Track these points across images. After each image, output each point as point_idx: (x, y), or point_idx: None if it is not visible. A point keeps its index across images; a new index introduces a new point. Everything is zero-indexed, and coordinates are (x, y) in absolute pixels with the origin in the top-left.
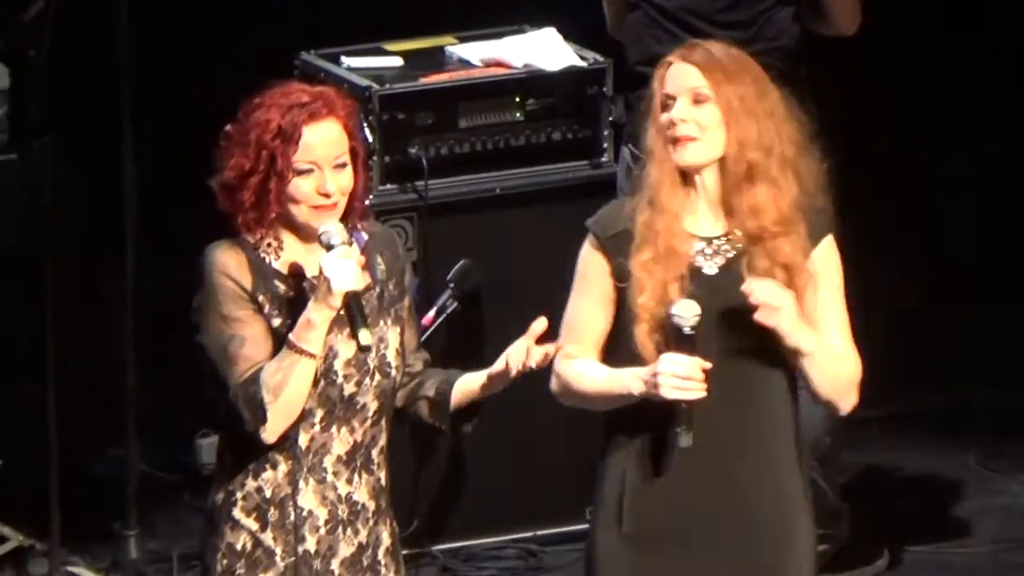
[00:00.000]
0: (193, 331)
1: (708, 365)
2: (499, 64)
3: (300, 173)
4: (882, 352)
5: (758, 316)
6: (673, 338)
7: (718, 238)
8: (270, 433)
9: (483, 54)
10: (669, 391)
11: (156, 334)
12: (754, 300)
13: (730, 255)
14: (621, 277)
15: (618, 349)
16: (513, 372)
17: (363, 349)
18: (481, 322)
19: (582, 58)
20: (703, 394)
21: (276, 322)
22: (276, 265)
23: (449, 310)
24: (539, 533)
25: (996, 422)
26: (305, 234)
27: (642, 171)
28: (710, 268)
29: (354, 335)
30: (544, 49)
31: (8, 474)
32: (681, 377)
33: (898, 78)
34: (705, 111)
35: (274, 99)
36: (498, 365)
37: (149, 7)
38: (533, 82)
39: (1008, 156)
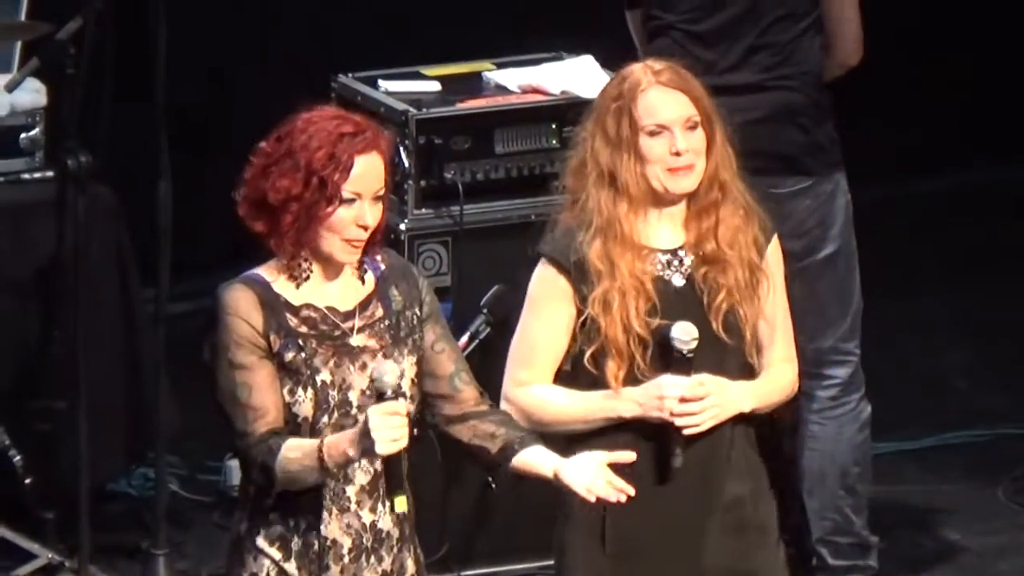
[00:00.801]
0: (206, 369)
1: (707, 387)
2: (536, 90)
3: (343, 202)
4: (914, 385)
5: (709, 425)
6: (672, 360)
7: (680, 248)
8: (274, 493)
9: (520, 80)
10: (677, 418)
11: (187, 353)
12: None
13: (693, 264)
14: (584, 305)
15: (576, 374)
16: (578, 493)
17: (395, 513)
18: None
19: None
20: (707, 423)
21: (289, 356)
22: (290, 296)
23: (482, 335)
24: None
25: None
26: (326, 264)
27: (586, 195)
28: (678, 280)
29: (389, 498)
30: (581, 76)
31: (39, 491)
32: (690, 403)
33: None
34: (696, 137)
35: (321, 124)
36: (568, 476)
37: (188, 29)
38: (570, 109)
39: None
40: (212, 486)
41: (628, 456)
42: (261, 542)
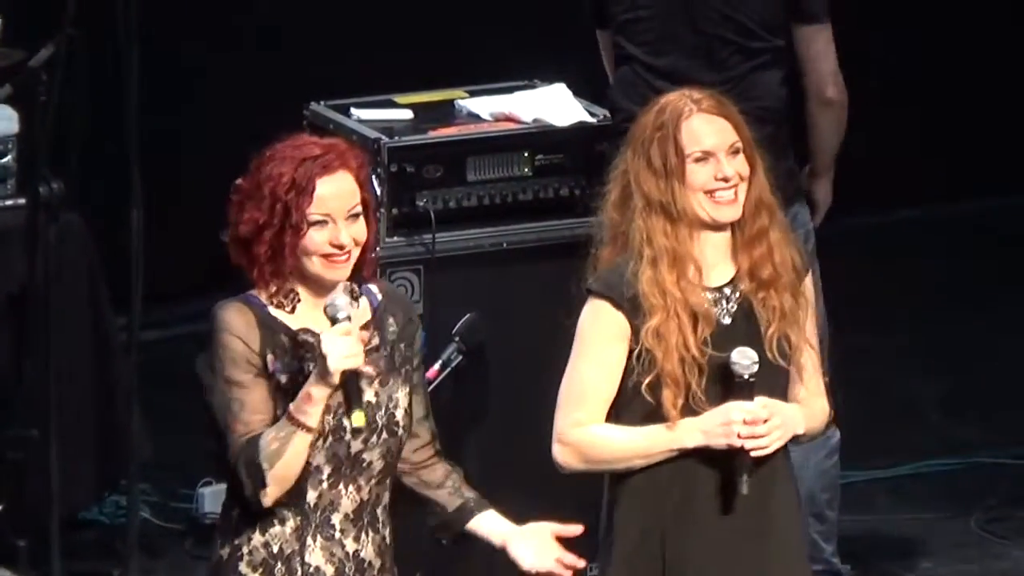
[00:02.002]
0: (200, 389)
1: (770, 408)
2: (509, 119)
3: (313, 225)
4: (887, 414)
5: (775, 447)
6: (734, 386)
7: (727, 285)
8: (268, 498)
9: (493, 108)
10: (746, 442)
11: (159, 381)
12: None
13: (739, 301)
14: (637, 338)
15: (628, 405)
16: (524, 567)
17: (355, 431)
18: (486, 376)
19: (591, 114)
20: (774, 445)
21: (284, 378)
22: (286, 320)
23: (454, 363)
24: None
25: (998, 486)
26: (318, 287)
27: (632, 227)
28: (725, 318)
29: (347, 414)
30: (554, 104)
31: (10, 519)
32: (757, 426)
33: None
34: (739, 162)
35: (285, 152)
36: (516, 552)
37: (159, 57)
38: (542, 137)
39: None
40: (184, 514)
41: (575, 530)
42: (243, 568)
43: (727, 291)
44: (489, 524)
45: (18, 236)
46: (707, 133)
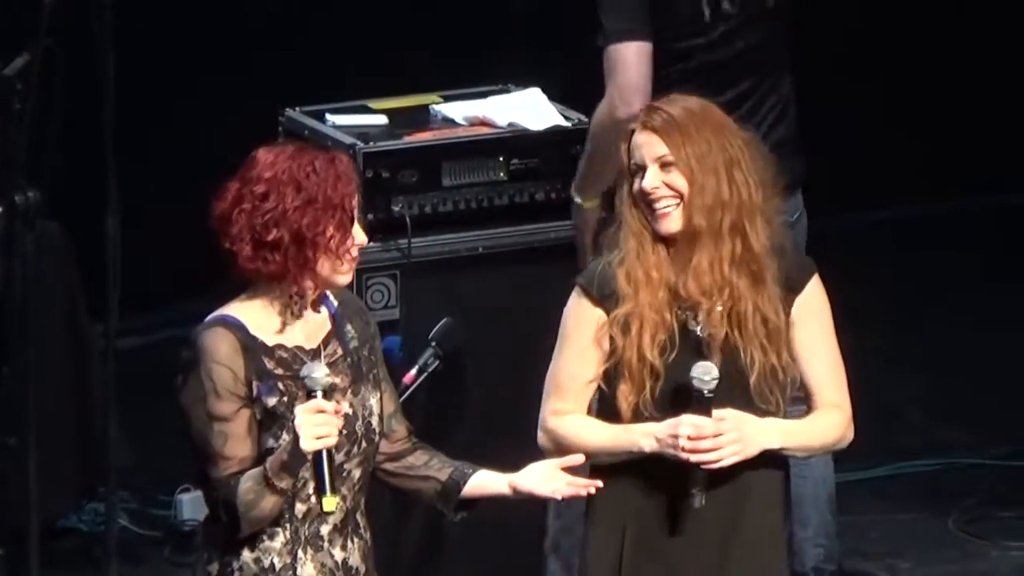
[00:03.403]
0: (179, 410)
1: (727, 422)
2: (483, 123)
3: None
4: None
5: (729, 462)
6: (692, 400)
7: (701, 296)
8: (244, 533)
9: (467, 113)
10: (691, 456)
11: (137, 388)
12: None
13: (702, 312)
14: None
15: (605, 404)
16: (542, 495)
17: (323, 513)
18: (463, 381)
19: (566, 118)
20: (726, 460)
21: (272, 402)
22: (266, 339)
23: (431, 368)
24: None
25: (978, 487)
26: (320, 290)
27: (617, 231)
28: (696, 327)
29: (318, 496)
30: (529, 109)
31: None
32: (702, 440)
33: None
34: (674, 176)
35: (306, 156)
36: (524, 483)
37: (135, 63)
38: (517, 142)
39: None
40: (163, 521)
41: (577, 459)
42: None
43: (690, 301)
44: (487, 478)
45: None
46: (639, 145)
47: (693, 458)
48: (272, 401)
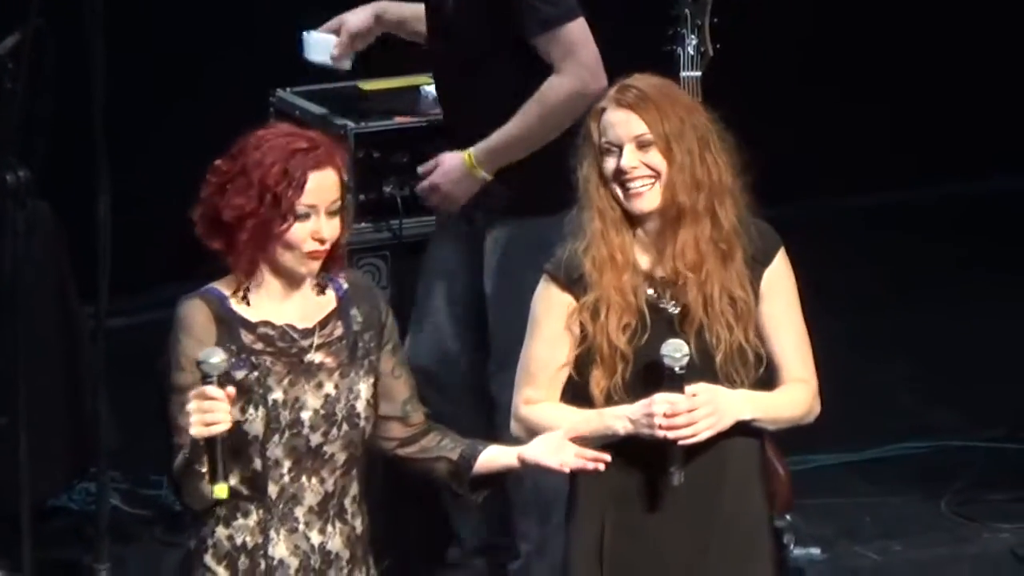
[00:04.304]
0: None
1: (700, 397)
2: None
3: (298, 217)
4: (856, 398)
5: (705, 435)
6: (664, 378)
7: (665, 275)
8: (189, 508)
9: None
10: (668, 433)
11: (127, 368)
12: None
13: (674, 292)
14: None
15: (576, 390)
16: (550, 467)
17: (217, 503)
18: None
19: None
20: (703, 434)
21: (240, 375)
22: (245, 314)
23: None
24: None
25: (969, 469)
26: (286, 279)
27: (581, 214)
28: (667, 305)
29: (211, 486)
30: None
31: None
32: (677, 416)
33: None
34: (652, 155)
35: (274, 141)
36: (533, 454)
37: (124, 42)
38: None
39: None
40: (154, 501)
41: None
42: (209, 560)
43: (663, 281)
44: (496, 452)
45: None
46: (612, 124)
47: (670, 435)
48: (240, 375)
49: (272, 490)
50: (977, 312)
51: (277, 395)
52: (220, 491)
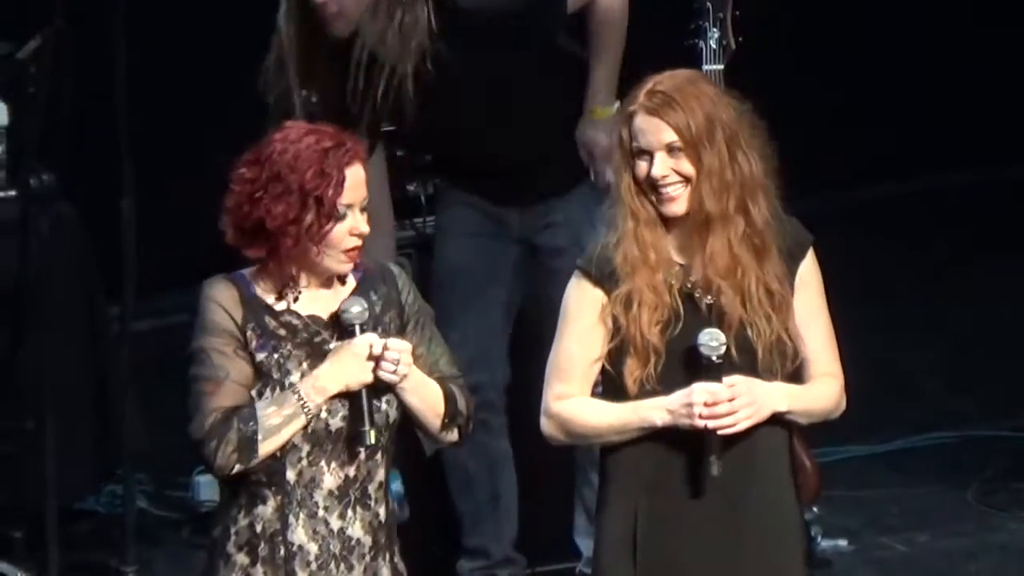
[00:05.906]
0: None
1: (738, 387)
2: None
3: (338, 218)
4: (884, 391)
5: (744, 426)
6: (702, 368)
7: (703, 279)
8: (238, 470)
9: None
10: (709, 422)
11: (153, 370)
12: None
13: (706, 288)
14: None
15: (609, 384)
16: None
17: (365, 447)
18: None
19: None
20: (742, 423)
21: (261, 356)
22: (272, 303)
23: None
24: (538, 570)
25: (995, 459)
26: (319, 276)
27: (614, 210)
28: (702, 296)
29: (360, 428)
30: None
31: (7, 510)
32: (718, 406)
33: None
34: (682, 162)
35: (301, 143)
36: None
37: (149, 44)
38: None
39: None
40: (181, 503)
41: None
42: (230, 548)
43: (695, 277)
44: None
45: (9, 228)
46: (643, 131)
47: (711, 424)
48: (262, 356)
49: (290, 475)
50: (1005, 300)
51: (295, 379)
52: (374, 436)
